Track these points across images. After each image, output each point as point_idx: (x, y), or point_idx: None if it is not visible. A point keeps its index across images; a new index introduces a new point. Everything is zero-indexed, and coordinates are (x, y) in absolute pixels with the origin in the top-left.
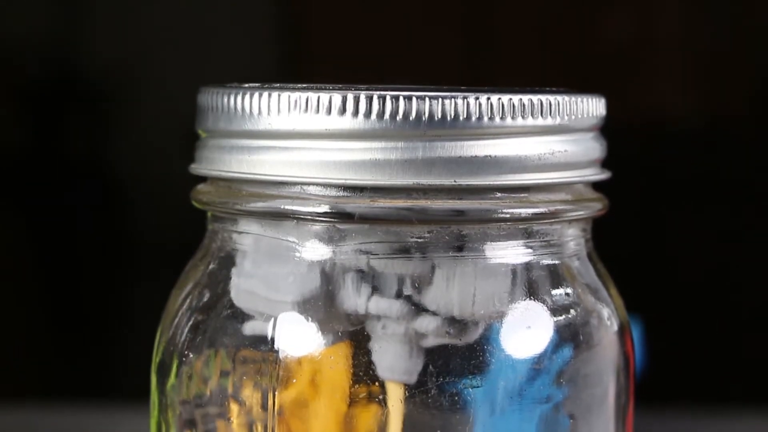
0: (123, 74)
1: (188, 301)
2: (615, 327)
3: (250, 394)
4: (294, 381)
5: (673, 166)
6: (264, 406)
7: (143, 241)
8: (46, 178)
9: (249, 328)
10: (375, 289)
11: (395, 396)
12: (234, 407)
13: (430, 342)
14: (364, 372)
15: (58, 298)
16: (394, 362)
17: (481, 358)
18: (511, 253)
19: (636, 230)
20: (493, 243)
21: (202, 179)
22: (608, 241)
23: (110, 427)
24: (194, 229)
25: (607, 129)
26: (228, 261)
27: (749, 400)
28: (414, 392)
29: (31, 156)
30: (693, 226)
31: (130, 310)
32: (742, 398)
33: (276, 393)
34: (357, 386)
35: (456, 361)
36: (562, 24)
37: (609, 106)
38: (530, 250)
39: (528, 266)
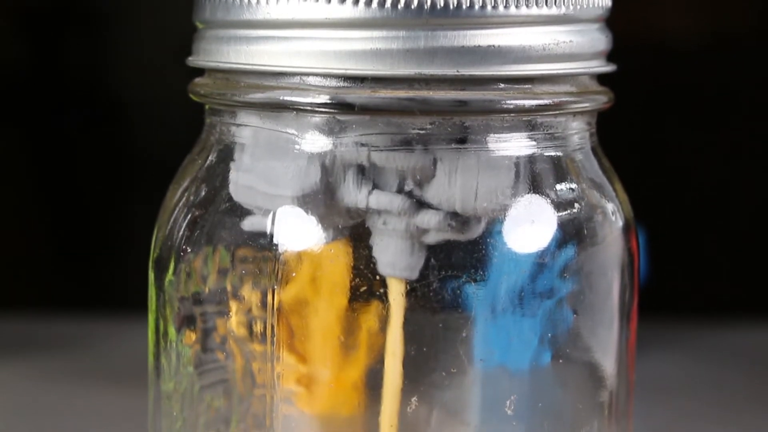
0: None
1: (186, 195)
2: (620, 223)
3: (249, 291)
4: (293, 276)
5: (677, 82)
6: (263, 303)
7: (143, 157)
8: (45, 96)
9: (248, 224)
10: (376, 184)
11: (396, 291)
12: (233, 304)
13: (432, 237)
14: (365, 267)
15: (59, 212)
16: (395, 258)
17: (483, 253)
18: (514, 145)
19: (638, 146)
20: (496, 135)
21: (200, 72)
22: (611, 156)
23: (112, 337)
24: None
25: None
26: (226, 154)
27: (750, 310)
28: (415, 287)
29: (31, 75)
30: (696, 142)
31: (131, 225)
32: (743, 308)
33: (275, 289)
34: (357, 281)
35: (458, 256)
36: None
37: (613, 23)
38: (534, 143)
39: (531, 159)
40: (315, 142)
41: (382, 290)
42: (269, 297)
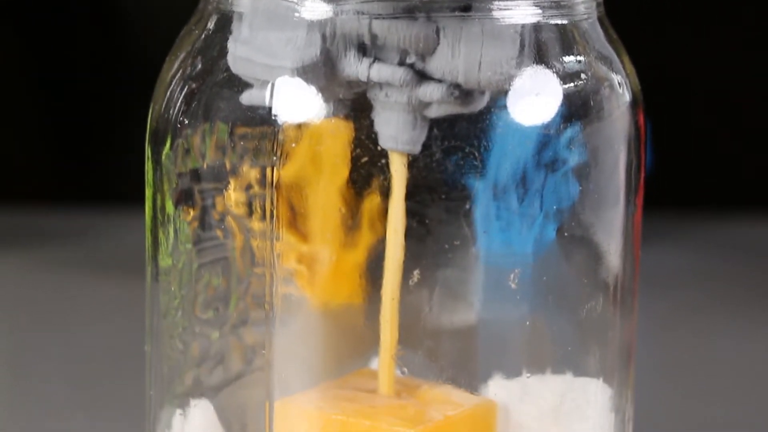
0: None
1: (182, 67)
2: (627, 96)
3: (248, 167)
4: (293, 149)
5: None
6: (263, 178)
7: (140, 50)
8: None
9: (246, 96)
10: (377, 55)
11: (398, 164)
12: (232, 181)
13: (435, 110)
14: (366, 138)
15: (56, 106)
16: (397, 131)
17: (487, 125)
18: (519, 13)
19: (642, 50)
20: (500, 2)
21: None
22: None
23: (110, 229)
24: None
25: None
26: (224, 23)
27: (753, 203)
28: (417, 158)
29: None
30: (701, 32)
31: (128, 118)
32: (745, 202)
33: (275, 163)
34: (359, 153)
35: (462, 127)
36: None
37: None
38: (539, 11)
39: (536, 28)
40: (315, 9)
41: (383, 162)
42: (268, 172)
